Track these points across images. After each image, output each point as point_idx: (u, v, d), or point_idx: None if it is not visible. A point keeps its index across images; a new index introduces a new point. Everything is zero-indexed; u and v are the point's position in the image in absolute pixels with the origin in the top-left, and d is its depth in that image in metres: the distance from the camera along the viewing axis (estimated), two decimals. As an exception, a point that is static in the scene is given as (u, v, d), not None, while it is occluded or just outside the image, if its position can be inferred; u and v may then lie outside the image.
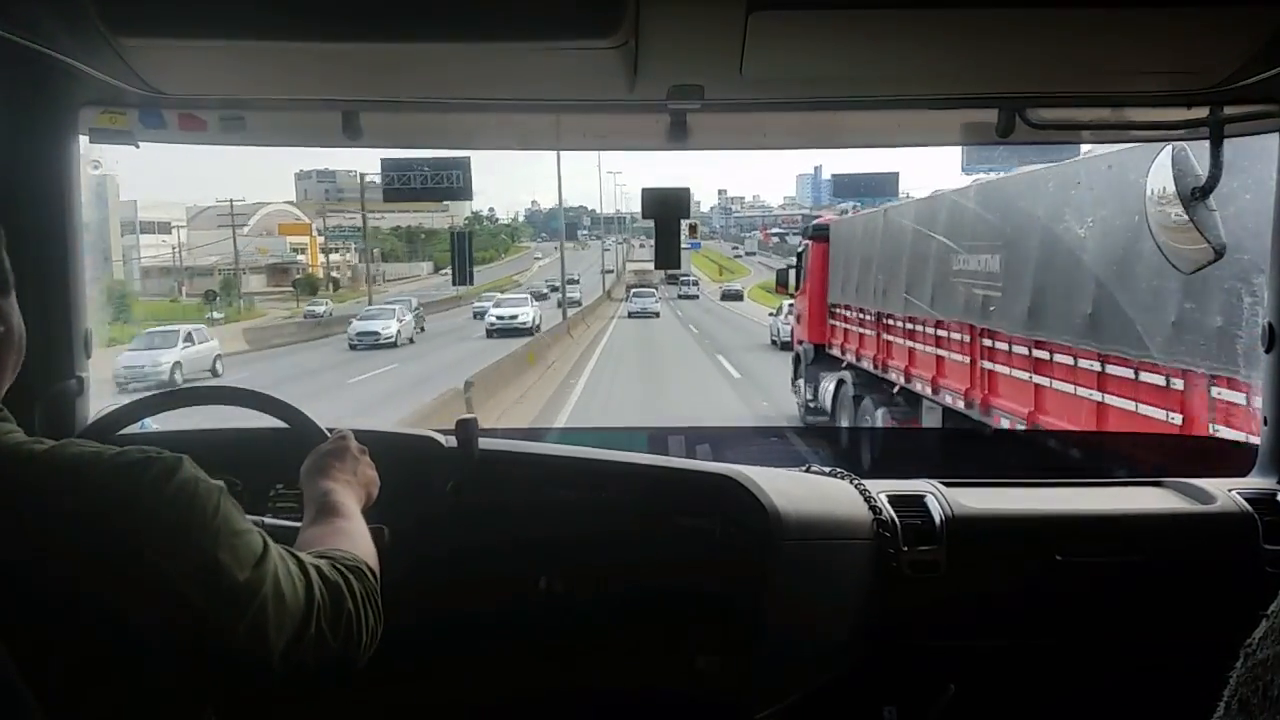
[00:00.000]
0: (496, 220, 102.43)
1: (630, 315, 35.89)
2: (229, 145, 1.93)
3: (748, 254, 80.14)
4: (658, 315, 35.81)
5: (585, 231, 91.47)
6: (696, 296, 46.64)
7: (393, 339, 25.43)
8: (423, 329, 28.82)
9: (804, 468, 2.02)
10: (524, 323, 27.15)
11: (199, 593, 0.87)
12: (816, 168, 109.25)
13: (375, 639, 1.08)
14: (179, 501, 0.89)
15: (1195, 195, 1.85)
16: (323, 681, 1.00)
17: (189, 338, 20.90)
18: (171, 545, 0.87)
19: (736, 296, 46.16)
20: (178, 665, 0.90)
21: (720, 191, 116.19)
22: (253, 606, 0.91)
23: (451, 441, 1.81)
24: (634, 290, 40.85)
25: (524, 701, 1.79)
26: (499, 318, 27.93)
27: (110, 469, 0.87)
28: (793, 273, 12.39)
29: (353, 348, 25.10)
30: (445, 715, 1.80)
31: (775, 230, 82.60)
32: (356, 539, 1.20)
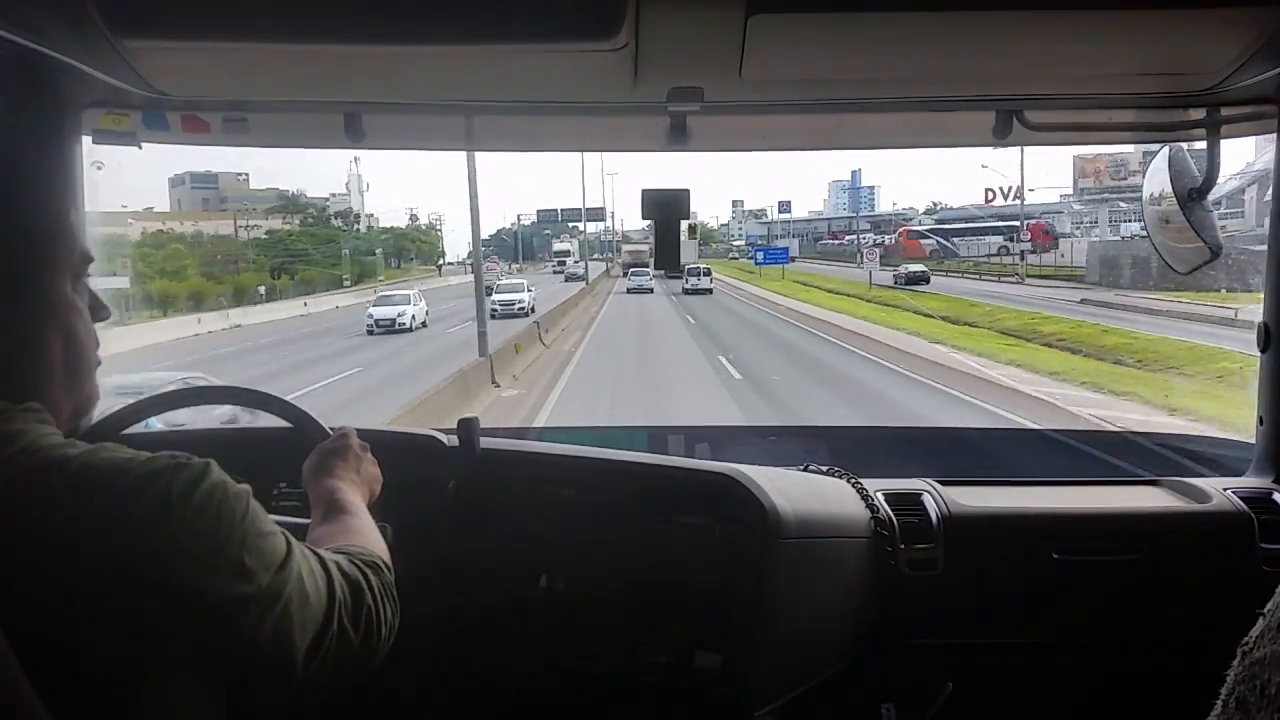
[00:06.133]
0: (367, 225, 56.74)
1: (629, 291, 38.31)
2: (232, 146, 1.94)
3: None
4: (652, 290, 36.66)
5: (564, 248, 65.64)
6: (710, 290, 36.30)
7: None
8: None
9: (802, 467, 2.03)
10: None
11: (226, 598, 0.88)
12: (855, 172, 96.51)
13: (393, 632, 1.09)
14: (208, 508, 0.89)
15: (1192, 196, 1.86)
16: (342, 679, 1.01)
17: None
18: (201, 551, 0.88)
19: (922, 279, 36.08)
20: (202, 669, 0.90)
21: (735, 202, 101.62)
22: (277, 609, 0.92)
23: (453, 440, 1.82)
24: (630, 270, 42.63)
25: (523, 699, 1.79)
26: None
27: (141, 476, 0.88)
28: None
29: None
30: (445, 712, 1.80)
31: (870, 238, 60.20)
32: (368, 534, 1.21)
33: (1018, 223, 45.83)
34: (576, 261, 53.55)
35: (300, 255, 48.28)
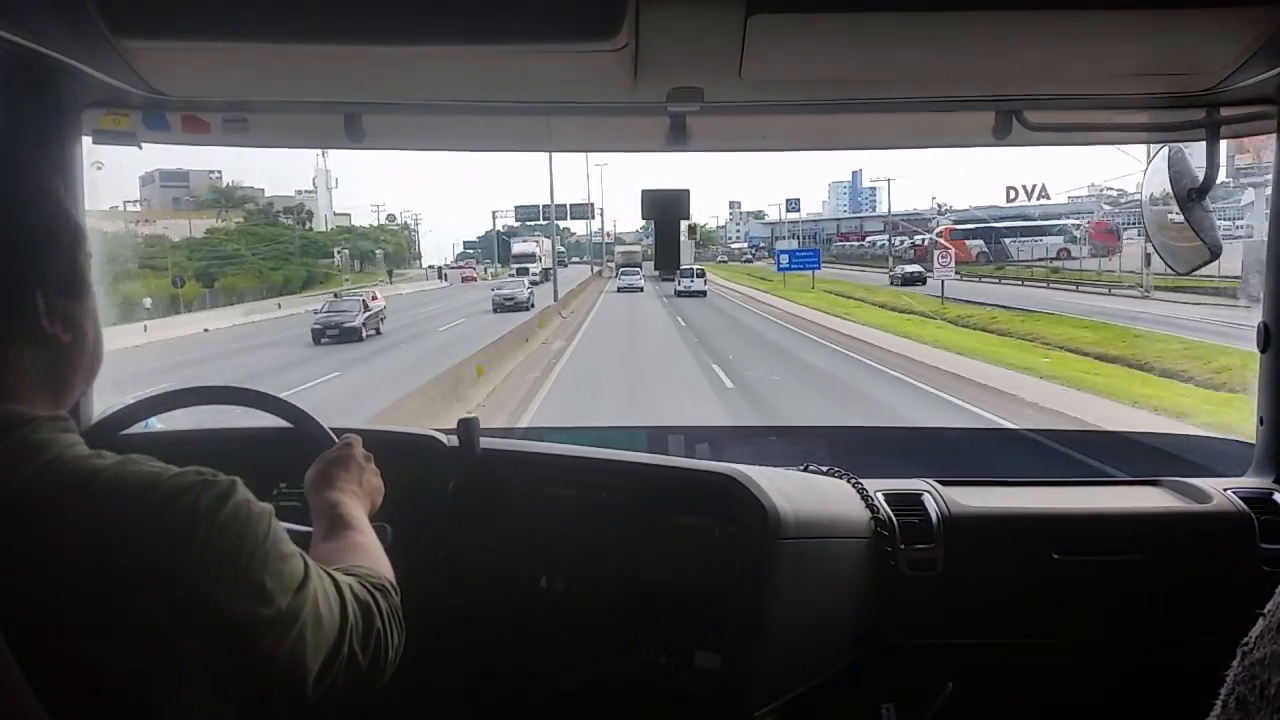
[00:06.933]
0: (334, 225, 47.61)
1: (619, 290, 39.68)
2: (231, 147, 1.94)
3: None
4: (642, 289, 38.83)
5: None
6: (704, 293, 34.71)
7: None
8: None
9: (802, 467, 2.03)
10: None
11: (245, 619, 0.89)
12: (855, 173, 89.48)
13: (399, 654, 1.09)
14: (232, 528, 0.89)
15: (1192, 196, 1.86)
16: (346, 698, 1.01)
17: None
18: (222, 571, 0.88)
19: (918, 280, 32.08)
20: (215, 687, 0.90)
21: (733, 203, 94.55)
22: (293, 631, 0.92)
23: (453, 440, 1.82)
24: (621, 269, 45.03)
25: (523, 699, 1.79)
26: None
27: (169, 491, 0.88)
28: None
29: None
30: (444, 712, 1.80)
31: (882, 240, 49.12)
32: (374, 554, 1.21)
33: (1078, 220, 38.67)
34: (527, 281, 36.03)
35: (229, 258, 39.04)
